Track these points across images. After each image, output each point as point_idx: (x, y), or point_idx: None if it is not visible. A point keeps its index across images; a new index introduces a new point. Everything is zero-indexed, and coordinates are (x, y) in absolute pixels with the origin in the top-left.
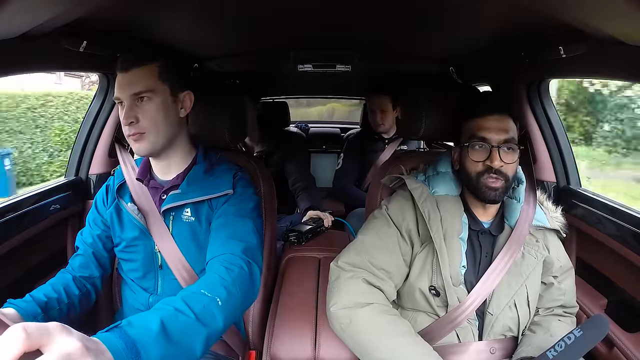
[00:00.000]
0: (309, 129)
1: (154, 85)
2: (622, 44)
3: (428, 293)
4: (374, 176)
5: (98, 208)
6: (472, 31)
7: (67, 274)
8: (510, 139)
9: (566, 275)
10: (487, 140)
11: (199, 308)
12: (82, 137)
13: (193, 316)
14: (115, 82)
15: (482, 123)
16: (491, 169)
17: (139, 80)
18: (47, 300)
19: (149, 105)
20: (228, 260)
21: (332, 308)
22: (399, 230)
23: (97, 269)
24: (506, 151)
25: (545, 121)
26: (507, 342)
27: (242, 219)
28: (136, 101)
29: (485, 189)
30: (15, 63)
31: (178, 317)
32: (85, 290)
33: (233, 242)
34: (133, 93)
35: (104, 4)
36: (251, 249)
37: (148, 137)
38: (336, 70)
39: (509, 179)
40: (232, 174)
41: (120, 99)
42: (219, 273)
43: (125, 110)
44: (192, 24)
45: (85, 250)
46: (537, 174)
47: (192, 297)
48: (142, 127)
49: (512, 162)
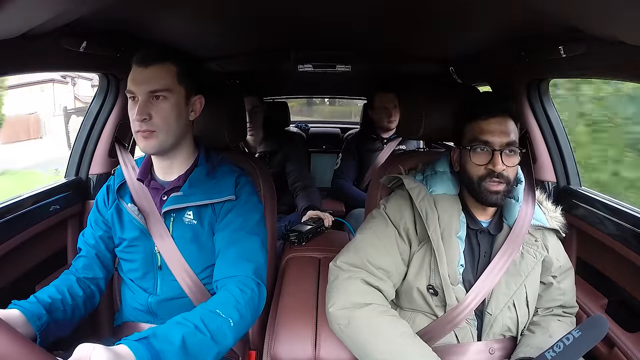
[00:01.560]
0: (309, 129)
1: (172, 85)
2: (622, 44)
3: (426, 292)
4: (373, 176)
5: (99, 209)
6: (472, 31)
7: (70, 276)
8: (512, 142)
9: (566, 275)
10: (490, 143)
11: (213, 327)
12: (82, 137)
13: (209, 335)
14: (131, 75)
15: (484, 126)
16: (493, 172)
17: (158, 78)
18: (52, 301)
19: (164, 105)
20: (242, 282)
21: (330, 309)
22: (396, 229)
23: (101, 270)
24: (508, 154)
25: (545, 121)
26: (506, 343)
27: (251, 237)
28: (151, 98)
29: (487, 192)
30: (15, 63)
31: (197, 334)
32: (90, 292)
33: (245, 263)
34: (150, 90)
35: (104, 4)
36: (260, 269)
37: (158, 135)
38: (336, 70)
39: (510, 182)
40: (234, 177)
41: (134, 94)
42: (234, 295)
43: (139, 106)
44: (192, 24)
45: (87, 251)
46: (537, 174)
47: (209, 316)
48: (154, 125)
49: (514, 165)
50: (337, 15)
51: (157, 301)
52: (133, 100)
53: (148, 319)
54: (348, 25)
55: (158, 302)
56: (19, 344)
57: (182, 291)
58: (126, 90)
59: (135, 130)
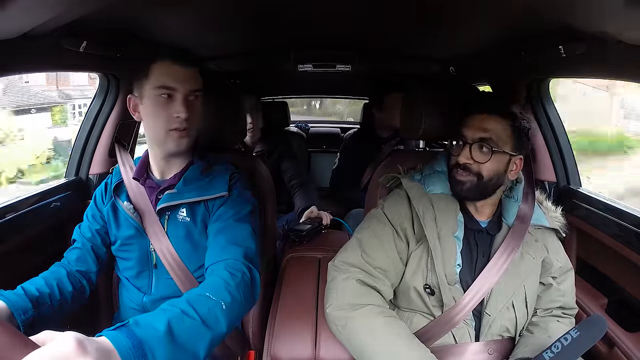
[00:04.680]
0: (309, 128)
1: (201, 86)
2: (622, 43)
3: (423, 292)
4: (373, 176)
5: (97, 203)
6: (473, 31)
7: (61, 269)
8: (486, 139)
9: (566, 276)
10: (464, 137)
11: (204, 311)
12: (82, 137)
13: (199, 319)
14: (166, 72)
15: (468, 120)
16: (458, 164)
17: (196, 78)
18: (39, 295)
19: (198, 103)
20: (231, 265)
21: (328, 309)
22: (394, 228)
23: (95, 263)
24: (477, 149)
25: (546, 121)
26: (504, 343)
27: (241, 224)
28: (190, 97)
29: (455, 182)
30: (16, 63)
31: (184, 319)
32: (80, 287)
33: (234, 247)
34: (193, 89)
35: (104, 4)
36: (251, 254)
37: (191, 133)
38: (336, 70)
39: (481, 178)
40: (228, 174)
41: (173, 91)
42: (224, 277)
43: (181, 103)
44: (192, 24)
45: (83, 244)
46: (537, 174)
47: (198, 299)
48: (191, 123)
49: (484, 161)
50: (337, 14)
51: (152, 300)
52: (168, 98)
53: None
54: (348, 25)
55: (153, 301)
56: None
57: (177, 290)
58: (161, 85)
59: (170, 128)
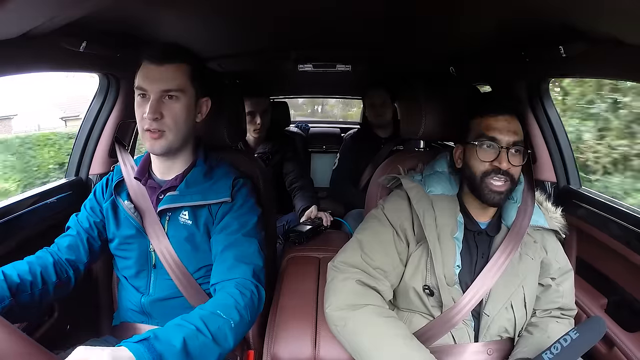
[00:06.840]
0: (309, 129)
1: (185, 86)
2: (622, 43)
3: (422, 292)
4: (373, 176)
5: (97, 197)
6: (472, 31)
7: (48, 255)
8: (519, 142)
9: (565, 277)
10: (497, 140)
11: (214, 329)
12: (82, 137)
13: (210, 337)
14: (142, 72)
15: (493, 123)
16: (499, 169)
17: (173, 77)
18: (20, 282)
19: (176, 105)
20: (241, 284)
21: (327, 310)
22: (394, 229)
23: (87, 254)
24: (514, 154)
25: (546, 121)
26: (503, 344)
27: (249, 239)
28: (164, 97)
29: (489, 191)
30: (15, 63)
31: (198, 336)
32: (65, 277)
33: (243, 265)
34: (164, 89)
35: (104, 4)
36: (258, 271)
37: (167, 135)
38: (336, 69)
39: (514, 182)
40: (231, 179)
41: (145, 91)
42: (234, 296)
43: (151, 104)
44: (192, 24)
45: (78, 232)
46: (537, 174)
47: (210, 317)
48: (164, 125)
49: (519, 164)
50: (337, 14)
51: (150, 301)
52: (143, 97)
53: (143, 319)
54: (348, 25)
55: (151, 302)
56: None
57: (176, 291)
58: (136, 86)
59: (143, 128)
